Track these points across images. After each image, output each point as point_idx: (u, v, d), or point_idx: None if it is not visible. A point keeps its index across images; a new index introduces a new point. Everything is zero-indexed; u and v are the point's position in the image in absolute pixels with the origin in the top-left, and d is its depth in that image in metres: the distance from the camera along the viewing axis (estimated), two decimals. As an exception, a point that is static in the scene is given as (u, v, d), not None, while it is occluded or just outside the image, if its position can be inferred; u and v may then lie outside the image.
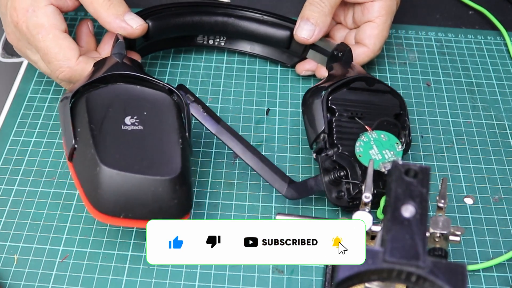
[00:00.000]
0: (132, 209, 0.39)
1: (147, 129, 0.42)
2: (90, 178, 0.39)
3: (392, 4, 0.55)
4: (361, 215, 0.37)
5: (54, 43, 0.48)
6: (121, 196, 0.39)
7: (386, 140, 0.45)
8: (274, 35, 0.57)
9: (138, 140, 0.41)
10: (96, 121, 0.41)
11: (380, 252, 0.31)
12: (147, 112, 0.43)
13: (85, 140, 0.41)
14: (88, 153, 0.40)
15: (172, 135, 0.42)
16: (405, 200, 0.33)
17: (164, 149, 0.41)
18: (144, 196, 0.39)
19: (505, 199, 0.50)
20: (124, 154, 0.40)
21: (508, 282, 0.45)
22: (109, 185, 0.39)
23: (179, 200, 0.40)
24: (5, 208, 0.49)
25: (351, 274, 0.30)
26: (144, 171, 0.39)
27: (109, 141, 0.40)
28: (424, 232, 0.32)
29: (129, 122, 0.42)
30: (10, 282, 0.44)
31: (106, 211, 0.40)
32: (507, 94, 0.59)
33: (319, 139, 0.46)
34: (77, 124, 0.42)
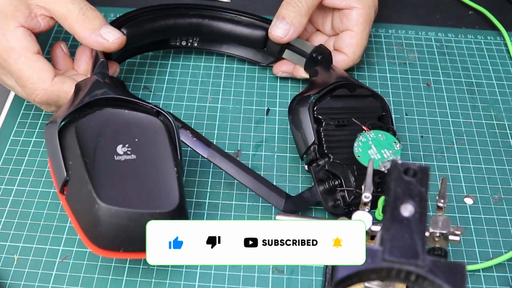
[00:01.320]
0: (132, 243, 0.39)
1: (140, 158, 0.41)
2: (88, 214, 0.39)
3: (370, 12, 0.55)
4: (361, 215, 0.37)
5: (27, 66, 0.46)
6: (121, 232, 0.38)
7: (384, 139, 0.45)
8: (249, 35, 0.56)
9: (133, 171, 0.40)
10: (89, 153, 0.40)
11: (380, 251, 0.31)
12: (138, 139, 0.42)
13: (79, 174, 0.39)
14: (83, 189, 0.39)
15: (166, 163, 0.41)
16: (404, 199, 0.33)
17: (160, 179, 0.41)
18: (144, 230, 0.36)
19: (505, 199, 0.50)
20: (120, 188, 0.39)
21: (508, 282, 0.45)
22: (108, 222, 0.38)
23: None
24: (5, 208, 0.49)
25: (351, 273, 0.30)
26: (143, 205, 0.39)
27: (104, 175, 0.39)
28: (424, 231, 0.32)
29: (121, 151, 0.41)
30: (10, 282, 0.44)
31: (106, 247, 0.39)
32: (507, 94, 0.59)
33: (310, 151, 0.46)
34: (68, 155, 0.41)
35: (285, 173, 0.51)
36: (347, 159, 0.46)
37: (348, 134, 0.47)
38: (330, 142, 0.47)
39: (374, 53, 0.62)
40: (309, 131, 0.47)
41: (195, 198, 0.49)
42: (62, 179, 0.40)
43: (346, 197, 0.45)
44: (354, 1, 0.54)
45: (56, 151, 0.41)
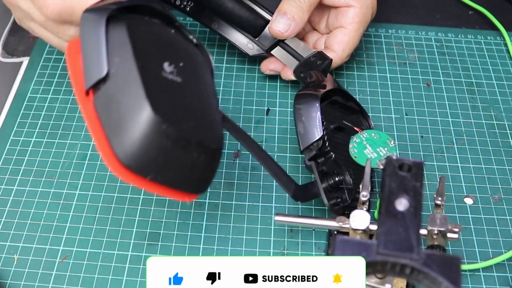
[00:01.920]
0: (165, 172, 0.33)
1: (186, 83, 0.35)
2: (127, 124, 0.31)
3: (367, 13, 0.55)
4: (359, 213, 0.37)
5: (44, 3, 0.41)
6: (161, 155, 0.32)
7: (377, 138, 0.46)
8: (247, 19, 0.55)
9: (180, 93, 0.34)
10: (139, 55, 0.33)
11: (374, 245, 0.31)
12: (183, 64, 0.36)
13: (127, 75, 0.32)
14: (131, 92, 0.32)
15: (211, 98, 0.37)
16: (399, 194, 0.33)
17: (206, 112, 0.35)
18: (184, 161, 0.33)
19: (505, 199, 0.50)
20: (171, 106, 0.33)
21: (508, 282, 0.45)
22: (151, 138, 0.31)
23: (210, 175, 0.36)
24: (5, 208, 0.49)
25: None
26: (191, 132, 0.33)
27: (154, 86, 0.32)
28: (418, 225, 0.32)
29: (168, 69, 0.34)
30: (10, 282, 0.44)
31: (135, 168, 0.32)
32: (507, 94, 0.59)
33: (313, 146, 0.46)
34: (114, 51, 0.33)
35: (285, 173, 0.51)
36: (345, 161, 0.46)
37: (344, 138, 0.47)
38: (331, 141, 0.47)
39: (374, 53, 0.62)
40: (318, 126, 0.46)
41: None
42: (98, 75, 0.33)
43: (346, 197, 0.45)
44: (353, 0, 0.54)
45: (100, 40, 0.33)
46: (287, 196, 0.50)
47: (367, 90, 0.58)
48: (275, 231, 0.48)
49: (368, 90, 0.58)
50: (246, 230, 0.48)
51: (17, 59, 0.61)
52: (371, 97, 0.58)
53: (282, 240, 0.47)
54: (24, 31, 0.63)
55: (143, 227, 0.48)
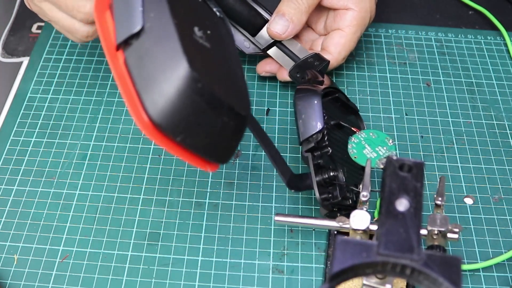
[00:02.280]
0: (194, 135, 0.32)
1: (214, 50, 0.34)
2: (161, 80, 0.30)
3: (365, 17, 0.55)
4: (359, 214, 0.37)
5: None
6: (194, 114, 0.31)
7: (376, 137, 0.46)
8: (247, 16, 0.55)
9: (211, 57, 0.33)
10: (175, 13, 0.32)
11: (375, 246, 0.31)
12: (210, 32, 0.35)
13: (162, 29, 0.31)
14: (167, 47, 0.31)
15: (238, 68, 0.36)
16: (399, 194, 0.33)
17: (235, 80, 0.35)
18: (214, 124, 0.32)
19: (505, 199, 0.50)
20: (205, 67, 0.32)
21: (508, 282, 0.45)
22: (188, 95, 0.30)
23: (235, 144, 0.35)
24: (5, 208, 0.49)
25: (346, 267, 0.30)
26: (224, 95, 0.32)
27: (189, 44, 0.31)
28: (418, 225, 0.32)
29: (198, 34, 0.33)
30: (10, 282, 0.44)
31: (165, 127, 0.31)
32: (507, 94, 0.59)
33: (312, 138, 0.46)
34: (148, 5, 0.32)
35: (285, 173, 0.51)
36: (340, 159, 0.46)
37: (342, 136, 0.47)
38: (330, 136, 0.47)
39: (374, 53, 0.62)
40: (319, 118, 0.46)
41: (195, 198, 0.49)
42: (133, 29, 0.31)
43: (337, 194, 0.45)
44: (352, 3, 0.54)
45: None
46: (287, 196, 0.50)
47: (367, 90, 0.58)
48: (275, 231, 0.48)
49: (368, 90, 0.58)
50: (246, 230, 0.48)
51: (17, 59, 0.61)
52: (371, 97, 0.58)
53: (282, 240, 0.47)
54: (24, 31, 0.63)
55: (143, 227, 0.48)
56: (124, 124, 0.55)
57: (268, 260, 0.46)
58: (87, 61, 0.60)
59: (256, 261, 0.46)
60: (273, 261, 0.46)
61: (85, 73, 0.59)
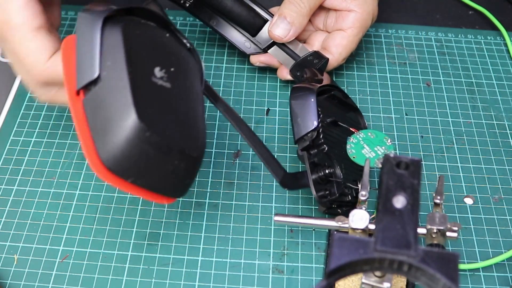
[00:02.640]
0: (146, 177, 0.34)
1: (175, 89, 0.35)
2: (112, 128, 0.32)
3: (367, 19, 0.55)
4: (358, 213, 0.37)
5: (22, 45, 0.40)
6: (143, 160, 0.33)
7: (374, 137, 0.46)
8: (247, 17, 0.55)
9: (167, 100, 0.35)
10: (131, 61, 0.33)
11: (372, 242, 0.31)
12: (174, 69, 0.36)
13: (117, 79, 0.33)
14: (119, 98, 0.32)
15: (198, 104, 0.37)
16: (397, 191, 0.33)
17: (191, 119, 0.36)
18: (165, 167, 0.34)
19: (505, 199, 0.50)
20: (157, 113, 0.34)
21: (508, 282, 0.45)
22: (134, 143, 0.32)
23: (190, 181, 0.37)
24: (5, 208, 0.49)
25: (343, 264, 0.30)
26: (175, 140, 0.34)
27: (143, 92, 0.33)
28: (416, 222, 0.32)
29: (159, 74, 0.35)
30: (10, 282, 0.44)
31: (117, 171, 0.33)
32: (507, 94, 0.59)
33: (307, 137, 0.46)
34: (107, 54, 0.34)
35: (285, 173, 0.51)
36: (338, 155, 0.46)
37: (339, 134, 0.47)
38: (326, 134, 0.47)
39: (374, 53, 0.62)
40: (314, 116, 0.46)
41: (195, 198, 0.49)
42: (89, 77, 0.33)
43: (335, 191, 0.45)
44: (354, 5, 0.54)
45: (94, 42, 0.34)
46: (287, 196, 0.50)
47: (367, 90, 0.58)
48: (275, 231, 0.48)
49: (368, 90, 0.58)
50: (246, 230, 0.48)
51: (17, 59, 0.60)
52: (371, 97, 0.58)
53: (282, 240, 0.47)
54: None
55: (143, 227, 0.48)
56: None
57: (268, 260, 0.46)
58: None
59: (256, 261, 0.46)
60: (273, 261, 0.46)
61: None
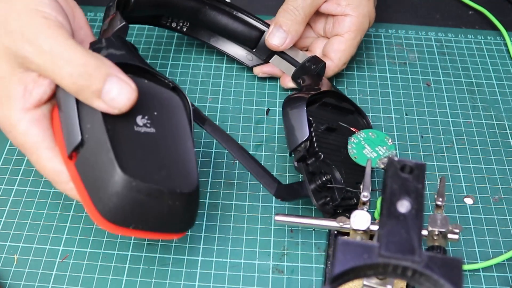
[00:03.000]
0: (145, 221, 0.36)
1: (159, 132, 0.38)
2: (103, 185, 0.35)
3: (364, 22, 0.55)
4: (360, 214, 0.37)
5: (39, 165, 0.39)
6: (137, 207, 0.35)
7: (375, 137, 0.46)
8: (243, 32, 0.56)
9: (153, 145, 0.37)
10: (110, 119, 0.36)
11: (376, 247, 0.31)
12: (157, 113, 0.39)
13: (98, 140, 0.35)
14: (103, 157, 0.35)
15: (186, 141, 0.39)
16: (401, 195, 0.33)
17: (180, 157, 0.38)
18: (160, 209, 0.36)
19: (505, 199, 0.50)
20: (141, 161, 0.36)
21: (508, 282, 0.45)
22: (126, 195, 0.34)
23: (191, 214, 0.38)
24: (5, 208, 0.49)
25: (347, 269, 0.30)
26: (163, 182, 0.36)
27: (125, 145, 0.36)
28: (420, 227, 0.32)
29: (141, 122, 0.37)
30: (10, 282, 0.44)
31: (116, 221, 0.35)
32: (507, 94, 0.59)
33: (300, 148, 0.46)
34: (86, 117, 0.36)
35: (285, 173, 0.51)
36: (335, 161, 0.46)
37: (336, 139, 0.47)
38: (320, 143, 0.47)
39: (374, 53, 0.62)
40: (305, 127, 0.46)
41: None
42: (74, 142, 0.36)
43: (336, 197, 0.45)
44: (350, 9, 0.54)
45: (72, 111, 0.36)
46: (287, 196, 0.50)
47: (367, 90, 0.58)
48: (275, 231, 0.48)
49: (368, 90, 0.58)
50: (246, 230, 0.48)
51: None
52: (371, 97, 0.58)
53: (282, 240, 0.47)
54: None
55: (143, 227, 0.48)
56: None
57: (268, 260, 0.46)
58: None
59: (256, 261, 0.46)
60: (273, 261, 0.46)
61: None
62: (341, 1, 0.54)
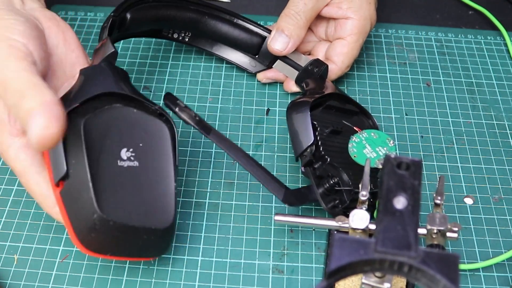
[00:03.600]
0: (121, 251, 0.40)
1: (142, 165, 0.40)
2: (83, 219, 0.37)
3: (365, 24, 0.55)
4: (358, 213, 0.37)
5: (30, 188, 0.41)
6: (113, 241, 0.38)
7: (377, 137, 0.46)
8: (244, 40, 0.56)
9: (134, 180, 0.39)
10: (93, 155, 0.38)
11: (372, 243, 0.31)
12: (142, 144, 0.40)
13: (80, 177, 0.37)
14: (83, 194, 0.37)
15: (167, 175, 0.41)
16: (397, 192, 0.33)
17: (159, 193, 0.40)
18: (136, 243, 0.39)
19: (505, 199, 0.50)
20: (120, 199, 0.38)
21: (508, 282, 0.45)
22: (103, 232, 0.37)
23: (166, 245, 0.42)
24: (5, 208, 0.49)
25: (343, 264, 0.30)
26: (139, 220, 0.38)
27: (106, 182, 0.38)
28: (416, 223, 0.32)
29: (125, 156, 0.39)
30: (10, 282, 0.44)
31: (94, 250, 0.39)
32: (507, 94, 0.59)
33: (307, 152, 0.46)
34: (71, 152, 0.38)
35: (285, 173, 0.51)
36: (342, 163, 0.46)
37: (342, 141, 0.48)
38: (326, 146, 0.47)
39: (374, 53, 0.62)
40: (309, 132, 0.46)
41: (195, 198, 0.49)
42: (60, 174, 0.38)
43: (345, 199, 0.45)
44: (351, 12, 0.54)
45: (59, 146, 0.38)
46: (287, 196, 0.50)
47: (367, 90, 0.58)
48: (275, 231, 0.48)
49: (368, 90, 0.58)
50: (246, 230, 0.48)
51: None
52: (371, 97, 0.58)
53: (282, 240, 0.47)
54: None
55: (143, 227, 0.48)
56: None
57: (268, 260, 0.46)
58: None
59: (256, 261, 0.46)
60: (273, 261, 0.46)
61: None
62: (342, 5, 0.54)
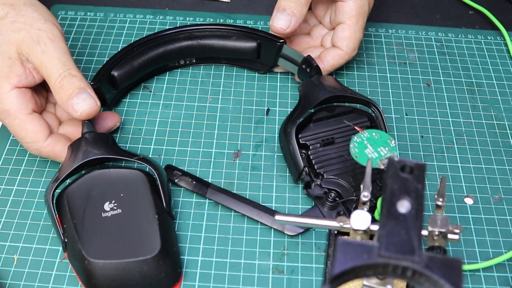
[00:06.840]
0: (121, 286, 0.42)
1: (125, 211, 0.44)
2: (82, 270, 0.43)
3: (363, 5, 0.55)
4: (360, 214, 0.37)
5: (20, 128, 0.47)
6: (113, 281, 0.42)
7: (378, 137, 0.46)
8: (241, 48, 0.56)
9: (118, 224, 0.44)
10: (78, 215, 0.44)
11: (376, 247, 0.31)
12: (123, 194, 0.45)
13: (71, 236, 0.43)
14: (76, 248, 0.43)
15: (148, 212, 0.44)
16: (401, 195, 0.33)
17: (143, 228, 0.44)
18: (133, 277, 0.42)
19: (505, 199, 0.50)
20: (107, 242, 0.43)
21: (508, 282, 0.45)
22: (99, 275, 0.42)
23: (166, 272, 0.43)
24: (5, 208, 0.49)
25: (347, 269, 0.30)
26: (128, 255, 0.42)
27: (92, 233, 0.43)
28: (420, 227, 0.32)
29: (108, 208, 0.44)
30: (10, 282, 0.44)
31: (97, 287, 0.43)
32: (507, 94, 0.59)
33: (303, 175, 0.48)
34: (63, 219, 0.44)
35: (285, 173, 0.51)
36: (341, 173, 0.47)
37: (338, 149, 0.49)
38: (320, 162, 0.48)
39: (374, 53, 0.62)
40: (297, 160, 0.48)
41: (195, 199, 0.49)
42: (62, 241, 0.44)
43: (350, 209, 0.46)
44: None
45: (53, 218, 0.45)
46: (287, 196, 0.50)
47: (367, 90, 0.58)
48: (275, 231, 0.48)
49: (368, 90, 0.58)
50: (246, 230, 0.48)
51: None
52: (371, 97, 0.58)
53: (282, 240, 0.47)
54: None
55: (143, 227, 0.47)
56: (124, 124, 0.55)
57: (268, 260, 0.46)
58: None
59: (256, 261, 0.46)
60: (273, 261, 0.46)
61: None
62: None
